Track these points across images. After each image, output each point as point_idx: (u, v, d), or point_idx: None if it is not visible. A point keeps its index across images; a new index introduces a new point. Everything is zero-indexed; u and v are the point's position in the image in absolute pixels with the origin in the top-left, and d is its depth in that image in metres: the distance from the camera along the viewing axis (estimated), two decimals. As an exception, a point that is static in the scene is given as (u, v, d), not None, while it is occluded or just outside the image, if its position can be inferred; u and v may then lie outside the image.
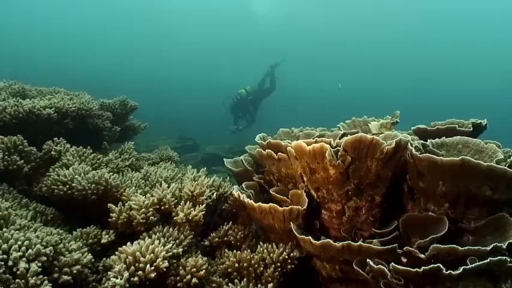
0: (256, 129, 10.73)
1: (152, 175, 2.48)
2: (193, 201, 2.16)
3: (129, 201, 2.03)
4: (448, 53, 33.12)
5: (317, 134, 2.56)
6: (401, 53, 33.71)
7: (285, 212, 1.97)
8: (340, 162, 1.84)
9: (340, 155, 1.84)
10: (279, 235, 2.17)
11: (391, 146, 1.79)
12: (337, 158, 1.85)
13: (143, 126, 4.28)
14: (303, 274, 2.10)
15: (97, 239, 1.97)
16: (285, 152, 2.15)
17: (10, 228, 1.59)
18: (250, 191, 2.34)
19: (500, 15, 26.13)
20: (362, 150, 1.82)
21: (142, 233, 2.00)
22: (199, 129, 13.52)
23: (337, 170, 1.88)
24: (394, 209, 2.04)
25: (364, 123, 2.78)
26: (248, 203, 2.06)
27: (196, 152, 9.33)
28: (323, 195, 2.04)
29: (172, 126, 10.57)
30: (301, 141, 1.99)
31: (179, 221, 2.02)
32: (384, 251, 1.70)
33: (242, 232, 2.17)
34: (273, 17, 32.02)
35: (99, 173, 2.10)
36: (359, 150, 1.82)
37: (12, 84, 3.32)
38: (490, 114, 9.65)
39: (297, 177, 2.18)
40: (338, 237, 2.08)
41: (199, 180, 2.31)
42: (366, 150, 1.81)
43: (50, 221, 2.07)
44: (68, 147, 2.40)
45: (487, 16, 26.81)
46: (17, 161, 2.20)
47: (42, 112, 2.55)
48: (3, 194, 2.05)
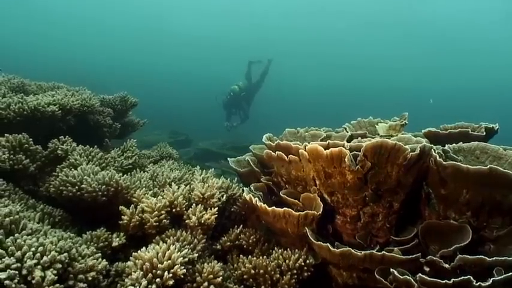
0: (249, 125, 10.66)
1: (159, 175, 2.40)
2: (204, 204, 2.09)
3: (141, 204, 1.95)
4: (446, 51, 33.23)
5: (324, 135, 2.50)
6: (401, 52, 33.69)
7: (300, 217, 1.91)
8: (359, 168, 1.79)
9: (360, 160, 1.78)
10: (291, 239, 2.11)
11: (415, 152, 1.73)
12: (355, 163, 1.80)
13: (142, 123, 4.18)
14: (315, 279, 2.04)
15: (108, 242, 1.89)
16: (295, 154, 2.10)
17: (22, 234, 1.50)
18: (259, 193, 2.28)
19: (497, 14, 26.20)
20: (383, 156, 1.76)
21: (154, 236, 1.93)
22: (191, 125, 13.42)
23: (355, 175, 1.82)
24: (409, 215, 2.00)
25: (370, 124, 2.73)
26: (261, 207, 1.99)
27: (189, 148, 9.22)
28: (337, 199, 1.99)
29: (164, 121, 10.44)
30: (317, 144, 1.93)
31: (191, 225, 1.95)
32: (407, 260, 1.65)
33: (254, 236, 2.10)
34: (270, 12, 31.72)
35: (109, 174, 2.01)
36: (379, 155, 1.76)
37: (11, 79, 3.20)
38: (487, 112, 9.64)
39: (308, 180, 2.12)
40: (351, 243, 2.03)
41: (209, 181, 2.24)
42: (387, 156, 1.75)
43: (58, 223, 1.98)
44: (75, 146, 2.31)
45: (483, 15, 26.90)
46: (23, 160, 2.11)
47: (46, 109, 2.45)
48: (9, 195, 1.95)
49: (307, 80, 36.74)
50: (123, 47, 36.42)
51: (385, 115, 2.77)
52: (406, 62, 34.52)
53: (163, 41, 36.54)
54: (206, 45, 35.87)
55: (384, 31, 30.66)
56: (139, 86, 9.09)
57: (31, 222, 1.74)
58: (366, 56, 34.44)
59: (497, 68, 33.40)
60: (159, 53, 37.57)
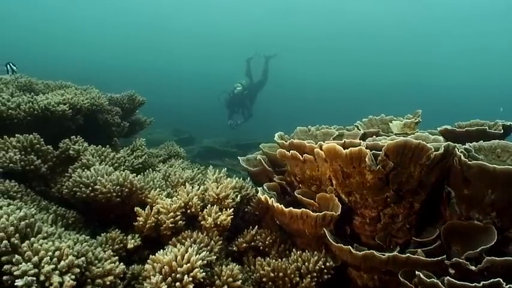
0: (251, 123, 10.60)
1: (172, 175, 2.34)
2: (219, 205, 2.04)
3: (156, 205, 1.90)
4: (444, 48, 33.07)
5: (336, 133, 2.44)
6: (401, 47, 33.49)
7: (318, 218, 1.85)
8: (380, 168, 1.73)
9: (381, 160, 1.72)
10: (307, 240, 2.06)
11: (439, 151, 1.68)
12: (376, 163, 1.74)
13: (149, 121, 4.14)
14: (333, 281, 1.99)
15: (123, 244, 1.84)
16: (309, 152, 2.04)
17: (38, 237, 1.45)
18: (273, 193, 2.23)
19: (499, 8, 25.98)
20: (406, 156, 1.70)
21: (170, 238, 1.88)
22: (194, 122, 13.33)
23: (376, 176, 1.77)
24: (428, 215, 1.94)
25: (382, 121, 2.68)
26: (278, 208, 1.94)
27: (193, 145, 9.16)
28: (356, 200, 1.93)
29: (167, 119, 10.37)
30: (334, 143, 1.88)
31: (207, 226, 1.90)
32: (433, 262, 1.59)
33: (270, 237, 2.05)
34: (272, 8, 31.40)
35: (123, 174, 1.95)
36: (402, 155, 1.70)
37: (18, 78, 3.14)
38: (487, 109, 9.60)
39: (323, 180, 2.07)
40: (370, 244, 1.97)
41: (222, 181, 2.18)
42: (411, 156, 1.69)
43: (71, 225, 1.93)
44: (87, 145, 2.25)
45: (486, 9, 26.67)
46: (34, 161, 2.05)
47: (56, 109, 2.39)
48: (22, 196, 1.89)
49: (308, 76, 36.60)
50: (123, 44, 36.22)
51: (390, 111, 2.72)
52: (405, 57, 34.35)
53: (165, 39, 36.24)
54: (208, 42, 35.57)
55: (384, 28, 30.53)
56: (141, 84, 9.03)
57: (45, 224, 1.69)
58: (364, 52, 34.33)
59: (496, 66, 33.32)
60: (161, 51, 37.32)
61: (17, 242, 1.36)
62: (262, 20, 31.70)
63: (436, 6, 26.40)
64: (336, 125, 2.67)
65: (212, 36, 34.74)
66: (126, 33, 35.65)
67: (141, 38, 35.43)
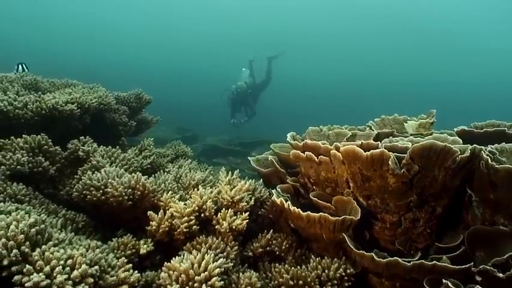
0: (254, 121, 10.50)
1: (183, 177, 2.26)
2: (233, 208, 1.96)
3: (170, 209, 1.82)
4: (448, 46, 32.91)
5: (349, 133, 2.36)
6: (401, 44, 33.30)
7: (337, 223, 1.78)
8: (404, 171, 1.65)
9: (405, 163, 1.65)
10: (324, 245, 1.98)
11: (465, 154, 1.60)
12: (400, 166, 1.66)
13: (155, 120, 4.06)
14: (352, 287, 1.91)
15: (135, 250, 1.76)
16: (324, 154, 1.97)
17: (49, 245, 1.37)
18: (287, 195, 2.16)
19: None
20: (431, 159, 1.62)
21: (183, 243, 1.80)
22: (197, 120, 13.22)
23: (399, 180, 1.69)
24: (448, 219, 1.87)
25: (395, 121, 2.59)
26: (294, 211, 1.86)
27: (196, 144, 9.07)
28: (375, 204, 1.85)
29: (170, 117, 10.27)
30: (354, 145, 1.80)
31: (222, 231, 1.82)
32: (460, 270, 1.52)
33: (286, 242, 1.97)
34: (276, 6, 31.12)
35: (135, 177, 1.87)
36: (427, 158, 1.62)
37: (23, 76, 3.05)
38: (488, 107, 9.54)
39: (339, 182, 1.99)
40: (389, 249, 1.89)
41: (235, 183, 2.11)
42: (435, 159, 1.62)
43: (81, 229, 1.85)
44: (96, 146, 2.17)
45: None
46: (43, 163, 1.97)
47: (64, 108, 2.31)
48: (30, 199, 1.81)
49: (309, 74, 36.42)
50: (124, 42, 35.99)
51: (393, 110, 2.65)
52: (404, 55, 34.22)
53: (167, 36, 36.07)
54: (210, 40, 35.25)
55: (384, 25, 30.37)
56: (143, 82, 8.93)
57: (54, 229, 1.62)
58: (363, 49, 34.23)
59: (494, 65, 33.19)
60: (163, 48, 37.02)
61: (28, 250, 1.28)
62: (267, 17, 31.50)
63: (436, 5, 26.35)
64: (340, 123, 2.60)
65: (216, 34, 34.51)
66: (127, 31, 35.46)
67: (143, 36, 35.21)
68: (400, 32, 31.05)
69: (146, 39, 35.39)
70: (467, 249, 1.68)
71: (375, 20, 29.40)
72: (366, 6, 27.58)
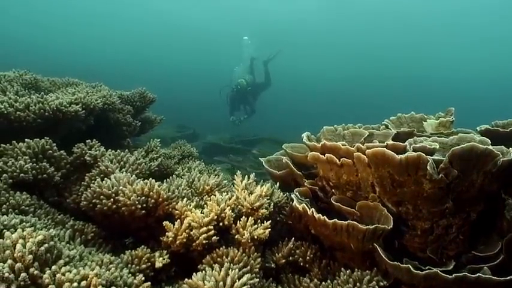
0: (254, 119, 10.35)
1: (196, 181, 2.11)
2: (253, 215, 1.81)
3: (186, 218, 1.67)
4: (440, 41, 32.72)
5: (366, 133, 2.22)
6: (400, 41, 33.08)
7: (368, 232, 1.63)
8: (442, 176, 1.51)
9: (443, 167, 1.51)
10: (350, 254, 1.84)
11: (507, 157, 1.46)
12: (437, 171, 1.52)
13: (159, 119, 3.90)
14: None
15: (150, 263, 1.61)
16: (344, 156, 1.83)
17: (59, 264, 1.22)
18: (306, 199, 2.02)
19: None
20: (470, 162, 1.48)
21: (201, 254, 1.66)
22: (197, 118, 13.03)
23: (435, 185, 1.55)
24: (481, 224, 1.73)
25: (412, 120, 2.45)
26: (319, 218, 1.71)
27: (197, 142, 8.91)
28: (407, 211, 1.71)
29: (169, 115, 10.13)
30: (383, 147, 1.66)
31: (243, 241, 1.67)
32: (505, 282, 1.38)
33: (310, 251, 1.82)
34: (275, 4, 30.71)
35: (148, 184, 1.72)
36: (467, 162, 1.48)
37: (22, 74, 2.87)
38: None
39: (363, 186, 1.85)
40: (418, 257, 1.76)
41: (253, 188, 1.96)
42: (475, 162, 1.48)
43: (91, 241, 1.69)
44: (104, 150, 2.00)
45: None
46: (47, 169, 1.81)
47: (68, 109, 2.14)
48: (35, 210, 1.65)
49: (308, 71, 36.25)
50: (122, 39, 35.59)
51: (395, 106, 2.51)
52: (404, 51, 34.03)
53: (166, 34, 35.62)
54: (209, 38, 34.82)
55: (385, 22, 30.15)
56: (140, 80, 8.68)
57: (63, 243, 1.47)
58: (361, 46, 34.03)
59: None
60: (162, 46, 36.69)
61: (37, 272, 1.13)
62: (268, 15, 31.11)
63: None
64: (342, 120, 2.48)
65: (215, 31, 34.05)
66: (125, 28, 35.01)
67: (140, 33, 34.80)
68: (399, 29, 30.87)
69: (145, 36, 35.01)
70: (505, 258, 1.55)
71: (376, 16, 29.19)
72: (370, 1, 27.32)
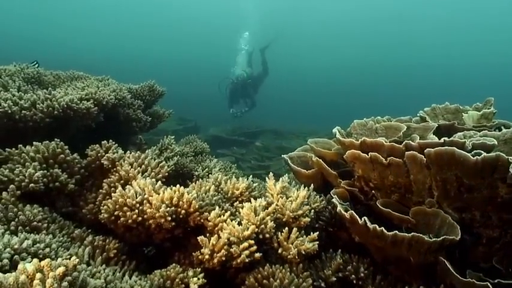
0: (255, 111, 10.08)
1: (223, 185, 1.85)
2: (296, 225, 1.57)
3: (223, 231, 1.41)
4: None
5: (404, 127, 1.98)
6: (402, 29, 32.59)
7: (434, 245, 1.40)
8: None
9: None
10: (406, 268, 1.60)
11: None
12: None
13: (167, 114, 3.63)
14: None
15: (184, 285, 1.36)
16: (389, 154, 1.59)
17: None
18: (346, 203, 1.78)
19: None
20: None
21: (239, 270, 1.41)
22: (199, 111, 12.69)
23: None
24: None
25: (446, 111, 2.23)
26: (375, 230, 1.47)
27: (199, 134, 8.65)
28: (472, 217, 1.48)
29: (171, 107, 9.86)
30: (439, 143, 1.43)
31: (290, 257, 1.43)
32: None
33: (363, 267, 1.58)
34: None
35: (176, 192, 1.46)
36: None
37: (24, 68, 2.59)
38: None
39: (416, 190, 1.62)
40: (481, 267, 1.53)
41: (290, 193, 1.71)
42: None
43: (113, 258, 1.44)
44: (122, 153, 1.73)
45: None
46: (60, 176, 1.54)
47: (80, 106, 1.87)
48: (48, 225, 1.39)
49: (307, 61, 35.79)
50: (123, 32, 35.02)
51: (395, 103, 2.27)
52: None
53: (166, 26, 34.98)
54: (210, 30, 34.15)
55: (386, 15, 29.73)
56: (141, 73, 8.33)
57: (83, 265, 1.21)
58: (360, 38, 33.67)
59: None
60: (162, 39, 36.08)
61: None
62: (269, 7, 30.58)
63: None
64: (344, 110, 2.24)
65: (216, 24, 33.42)
66: (123, 21, 34.35)
67: (140, 25, 34.14)
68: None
69: (145, 29, 34.39)
70: None
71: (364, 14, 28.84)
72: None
